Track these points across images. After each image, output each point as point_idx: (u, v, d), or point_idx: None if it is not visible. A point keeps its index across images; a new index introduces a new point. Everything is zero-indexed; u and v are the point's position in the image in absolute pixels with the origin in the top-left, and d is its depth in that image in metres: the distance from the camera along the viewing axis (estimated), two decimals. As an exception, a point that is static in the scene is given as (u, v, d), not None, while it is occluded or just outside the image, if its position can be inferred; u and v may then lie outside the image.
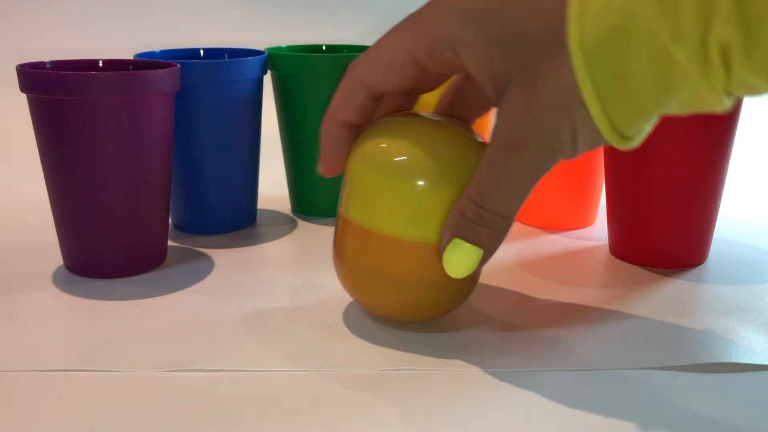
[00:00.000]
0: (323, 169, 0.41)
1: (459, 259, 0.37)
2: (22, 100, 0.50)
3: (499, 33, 0.34)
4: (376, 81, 0.38)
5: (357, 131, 0.41)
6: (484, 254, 0.38)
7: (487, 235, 0.37)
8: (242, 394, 0.36)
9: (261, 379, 0.38)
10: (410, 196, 0.38)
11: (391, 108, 0.42)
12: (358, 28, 1.05)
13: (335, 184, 0.59)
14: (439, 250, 0.38)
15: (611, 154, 0.54)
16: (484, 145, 0.39)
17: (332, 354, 0.40)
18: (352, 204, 0.40)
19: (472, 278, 0.41)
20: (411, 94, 0.42)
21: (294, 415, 0.35)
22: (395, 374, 0.38)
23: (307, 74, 0.62)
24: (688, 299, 0.48)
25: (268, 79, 0.63)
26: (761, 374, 0.39)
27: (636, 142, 0.34)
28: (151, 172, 0.51)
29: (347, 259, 0.41)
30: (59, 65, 0.53)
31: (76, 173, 0.49)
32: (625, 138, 0.33)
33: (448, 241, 0.38)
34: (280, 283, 0.50)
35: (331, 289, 0.48)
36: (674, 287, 0.50)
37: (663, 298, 0.48)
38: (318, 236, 0.60)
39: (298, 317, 0.45)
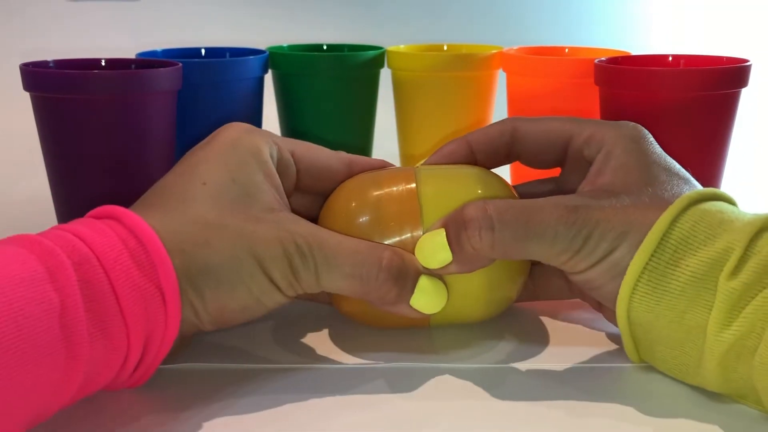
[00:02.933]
0: None
1: (432, 248, 0.37)
2: (26, 98, 0.51)
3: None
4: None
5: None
6: (451, 264, 0.37)
7: (468, 248, 0.37)
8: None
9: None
10: None
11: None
12: (358, 28, 1.06)
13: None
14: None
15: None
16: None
17: (330, 347, 0.41)
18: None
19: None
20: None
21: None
22: (391, 371, 0.39)
23: (308, 73, 0.62)
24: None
25: (269, 78, 0.64)
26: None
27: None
28: (153, 170, 0.51)
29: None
30: (62, 64, 0.54)
31: (78, 171, 0.50)
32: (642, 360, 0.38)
33: (436, 228, 0.38)
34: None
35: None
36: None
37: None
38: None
39: (299, 312, 0.45)
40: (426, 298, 0.37)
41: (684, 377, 0.36)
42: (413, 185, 0.39)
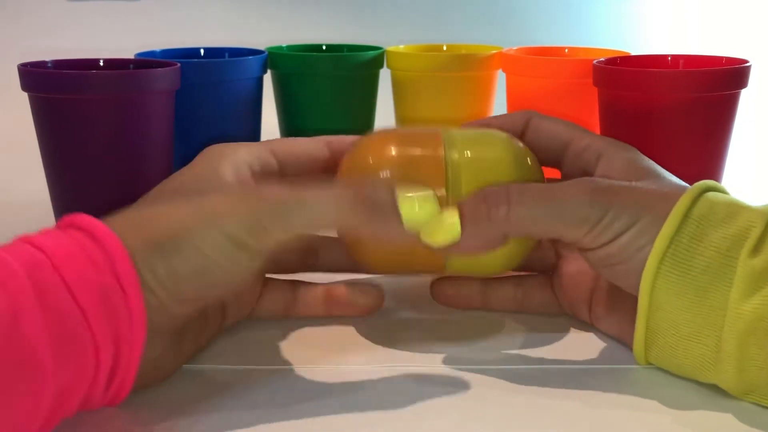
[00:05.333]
0: None
1: (440, 223, 0.37)
2: (24, 98, 0.51)
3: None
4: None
5: None
6: (460, 239, 0.37)
7: (483, 225, 0.37)
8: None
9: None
10: None
11: None
12: (358, 28, 1.06)
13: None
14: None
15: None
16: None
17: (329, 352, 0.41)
18: None
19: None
20: None
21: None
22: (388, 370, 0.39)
23: (307, 73, 0.62)
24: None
25: (268, 78, 0.64)
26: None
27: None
28: (152, 171, 0.51)
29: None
30: (60, 64, 0.54)
31: (76, 171, 0.50)
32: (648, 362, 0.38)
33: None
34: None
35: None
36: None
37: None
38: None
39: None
40: (413, 205, 0.36)
41: (696, 373, 0.36)
42: (440, 152, 0.38)
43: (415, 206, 0.36)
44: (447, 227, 0.37)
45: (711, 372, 0.36)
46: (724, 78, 0.50)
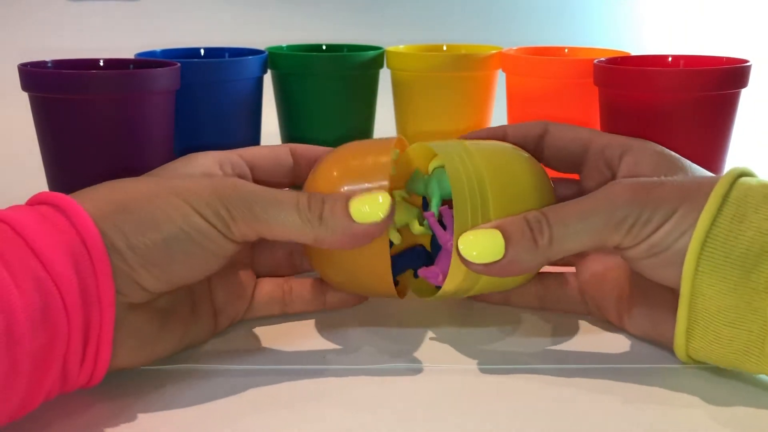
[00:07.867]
0: None
1: (482, 243, 0.36)
2: (24, 98, 0.51)
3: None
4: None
5: None
6: (502, 259, 0.36)
7: (527, 247, 0.36)
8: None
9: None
10: None
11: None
12: (358, 28, 1.06)
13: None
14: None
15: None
16: None
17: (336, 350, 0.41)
18: None
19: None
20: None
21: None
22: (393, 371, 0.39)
23: (307, 73, 0.62)
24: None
25: (268, 78, 0.64)
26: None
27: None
28: (151, 170, 0.51)
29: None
30: (60, 64, 0.54)
31: (76, 171, 0.50)
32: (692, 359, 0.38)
33: (490, 227, 0.37)
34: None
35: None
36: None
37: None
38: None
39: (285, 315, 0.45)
40: (365, 202, 0.36)
41: (742, 363, 0.36)
42: (389, 158, 0.39)
43: (365, 206, 0.36)
44: (490, 246, 0.36)
45: (757, 360, 0.35)
46: (724, 78, 0.50)
